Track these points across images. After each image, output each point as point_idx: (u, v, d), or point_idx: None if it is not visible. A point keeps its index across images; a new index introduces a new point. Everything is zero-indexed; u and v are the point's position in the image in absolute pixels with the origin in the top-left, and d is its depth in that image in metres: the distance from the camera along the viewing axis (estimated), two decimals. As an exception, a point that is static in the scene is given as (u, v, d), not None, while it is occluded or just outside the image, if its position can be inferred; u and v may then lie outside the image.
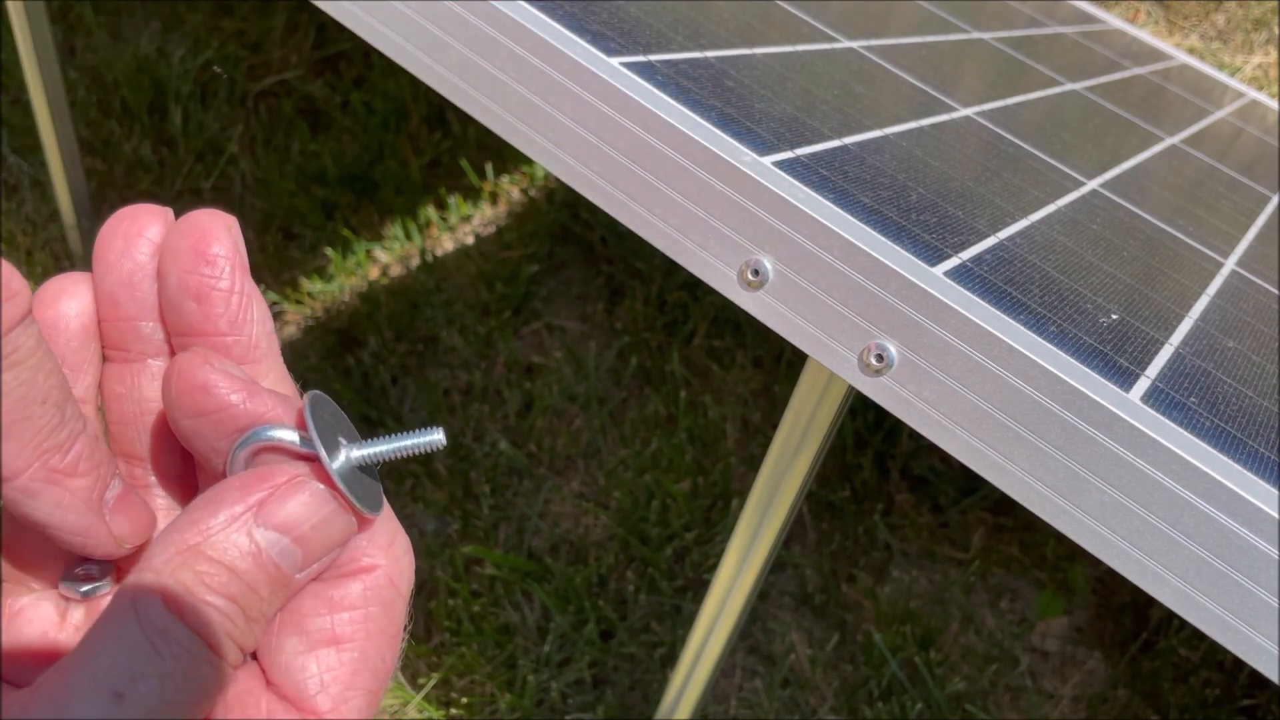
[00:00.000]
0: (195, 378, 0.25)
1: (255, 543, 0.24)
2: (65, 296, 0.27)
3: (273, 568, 0.24)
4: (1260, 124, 1.40)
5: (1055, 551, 1.29)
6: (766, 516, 0.62)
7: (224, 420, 0.25)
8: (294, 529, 0.24)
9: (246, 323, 0.26)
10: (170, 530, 0.23)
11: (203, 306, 0.26)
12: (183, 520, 0.24)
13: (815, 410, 0.56)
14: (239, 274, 0.26)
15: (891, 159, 0.56)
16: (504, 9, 0.47)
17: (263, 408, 0.25)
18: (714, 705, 1.12)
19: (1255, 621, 0.39)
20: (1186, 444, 0.39)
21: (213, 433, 0.25)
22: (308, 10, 1.72)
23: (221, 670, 0.23)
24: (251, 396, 0.25)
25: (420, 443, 0.27)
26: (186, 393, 0.25)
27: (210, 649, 0.23)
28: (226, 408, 0.25)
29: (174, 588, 0.22)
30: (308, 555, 0.25)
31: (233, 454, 0.25)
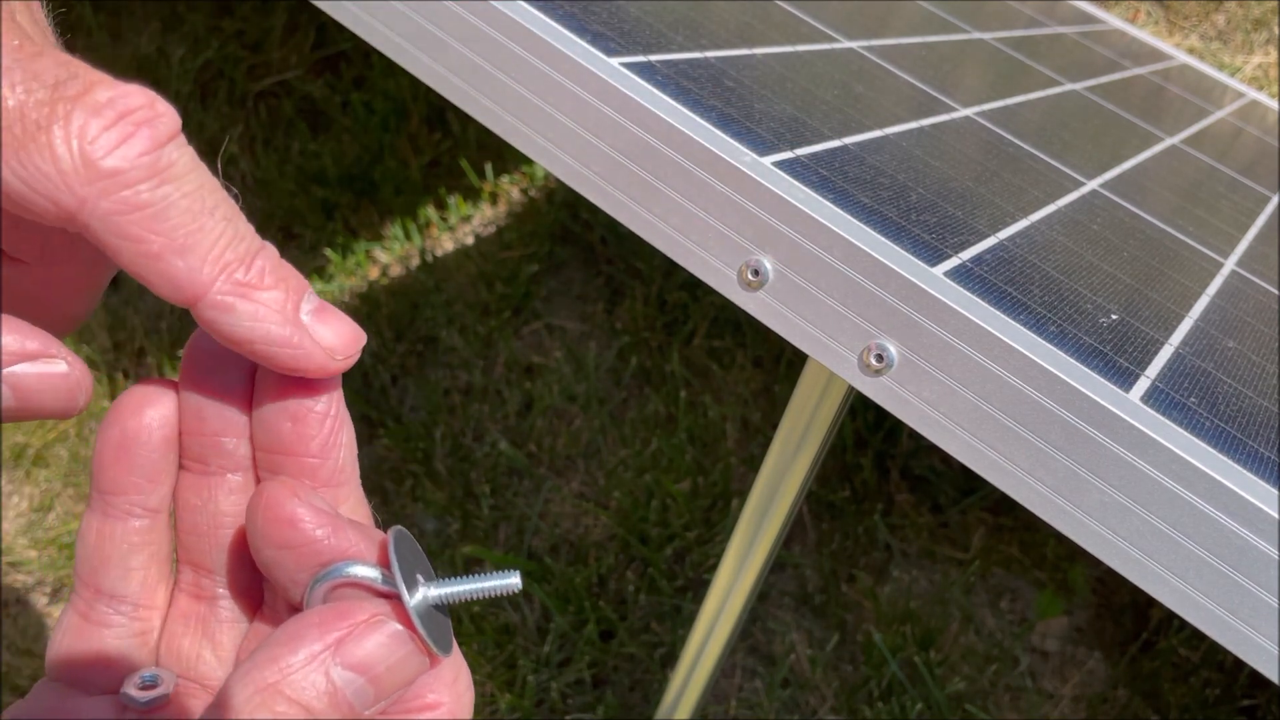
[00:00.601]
0: (283, 510, 0.25)
1: (333, 683, 0.24)
2: (149, 406, 0.27)
3: (347, 708, 0.24)
4: (1260, 124, 1.40)
5: (1055, 551, 1.29)
6: (766, 516, 0.62)
7: (307, 555, 0.25)
8: (370, 669, 0.24)
9: (337, 447, 0.27)
10: (250, 666, 0.24)
11: (297, 427, 0.26)
12: (262, 655, 0.24)
13: (815, 410, 0.56)
14: (336, 400, 0.26)
15: (891, 159, 0.56)
16: (504, 9, 0.47)
17: (347, 544, 0.25)
18: (714, 705, 1.12)
19: (1255, 621, 0.39)
20: (1186, 444, 0.39)
21: (294, 565, 0.25)
22: (308, 10, 1.72)
23: None
24: (336, 532, 0.25)
25: (496, 586, 0.27)
26: (273, 524, 0.25)
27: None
28: (311, 543, 0.25)
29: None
30: (380, 692, 0.25)
31: (311, 587, 0.25)
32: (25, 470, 1.28)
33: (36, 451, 1.29)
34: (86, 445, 1.31)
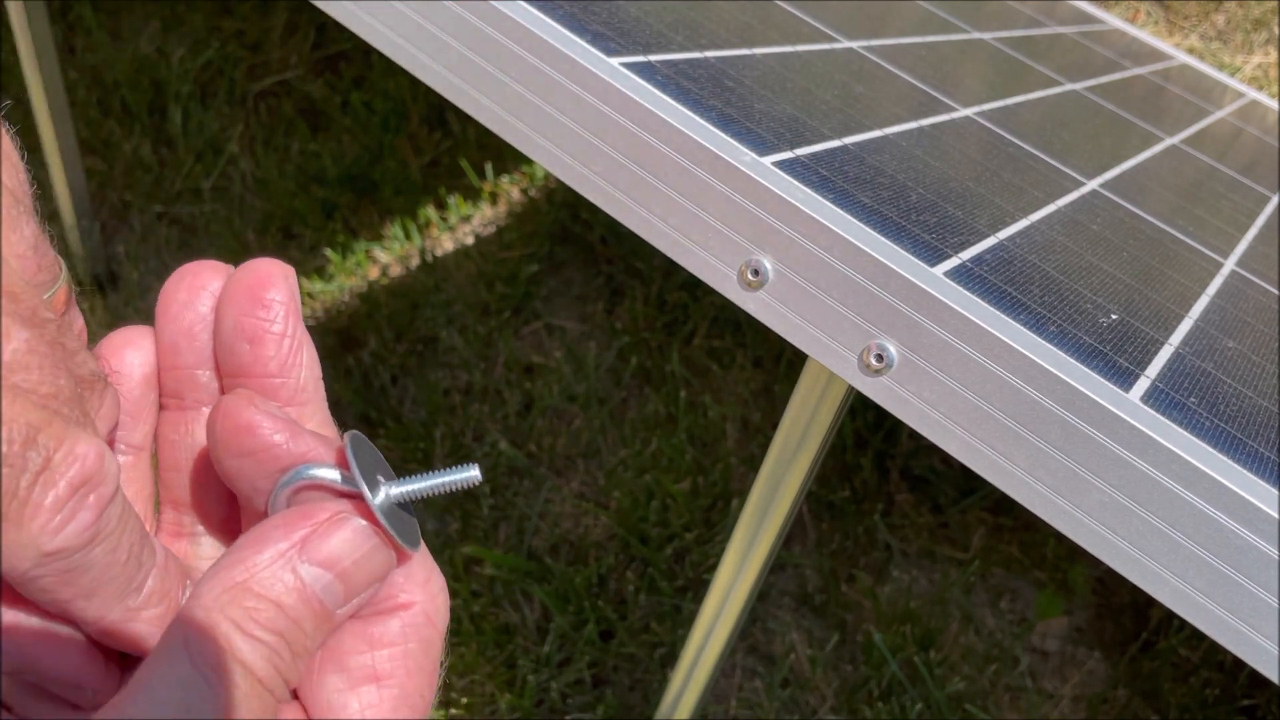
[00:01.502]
0: (240, 418, 0.25)
1: (300, 579, 0.24)
2: (130, 348, 0.28)
3: (317, 603, 0.24)
4: (1260, 124, 1.40)
5: (1055, 551, 1.29)
6: (766, 516, 0.62)
7: (267, 460, 0.25)
8: (337, 564, 0.25)
9: (296, 366, 0.27)
10: (217, 568, 0.24)
11: (255, 348, 0.27)
12: (229, 558, 0.24)
13: (815, 410, 0.56)
14: (292, 319, 0.27)
15: (891, 159, 0.56)
16: (504, 9, 0.47)
17: (305, 447, 0.26)
18: (714, 705, 1.12)
19: (1255, 621, 0.39)
20: (1186, 444, 0.39)
21: (255, 472, 0.26)
22: (308, 10, 1.72)
23: (269, 704, 0.24)
24: (294, 437, 0.26)
25: (456, 479, 0.27)
26: (231, 433, 0.25)
27: (259, 682, 0.23)
28: (270, 447, 0.25)
29: (223, 625, 0.23)
30: (349, 590, 0.25)
31: (275, 493, 0.26)
32: (25, 470, 1.28)
33: (36, 451, 1.29)
34: (86, 445, 1.31)
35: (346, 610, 0.25)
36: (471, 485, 0.27)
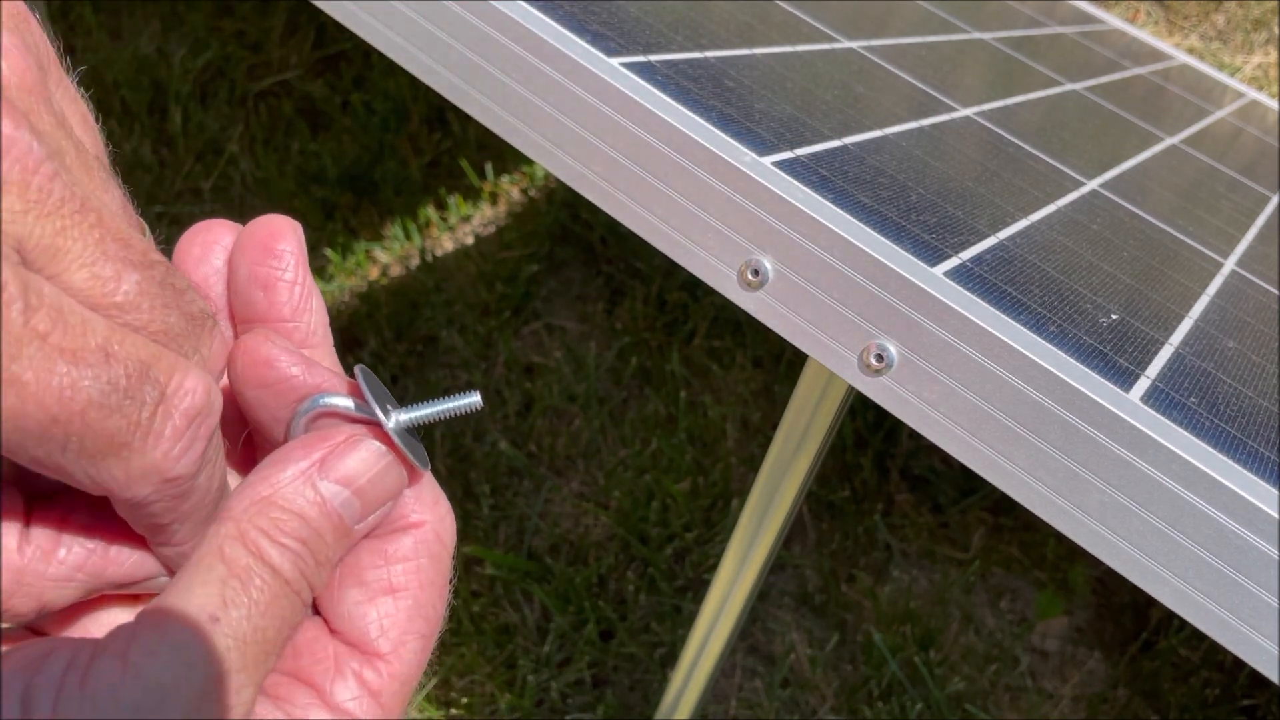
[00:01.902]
0: (259, 353, 0.28)
1: (319, 494, 0.27)
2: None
3: (335, 517, 0.27)
4: (1260, 124, 1.40)
5: (1055, 551, 1.29)
6: (766, 516, 0.62)
7: (285, 390, 0.28)
8: (353, 481, 0.27)
9: (306, 311, 0.30)
10: (244, 485, 0.26)
11: (268, 295, 0.29)
12: (255, 476, 0.27)
13: (815, 410, 0.56)
14: (302, 268, 0.29)
15: (891, 159, 0.56)
16: (504, 9, 0.47)
17: (320, 379, 0.28)
18: (714, 705, 1.12)
19: (1255, 621, 0.39)
20: (1186, 444, 0.39)
21: (274, 402, 0.28)
22: (308, 10, 1.72)
23: (296, 605, 0.26)
24: (310, 369, 0.28)
25: (459, 405, 0.30)
26: (251, 366, 0.28)
27: (287, 584, 0.26)
28: (288, 379, 0.28)
29: (252, 533, 0.26)
30: (365, 506, 0.28)
31: (294, 421, 0.28)
32: (25, 470, 1.28)
33: (36, 451, 1.29)
34: (86, 445, 1.31)
35: (364, 526, 0.28)
36: (473, 410, 0.30)
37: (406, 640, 0.29)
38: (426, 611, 0.29)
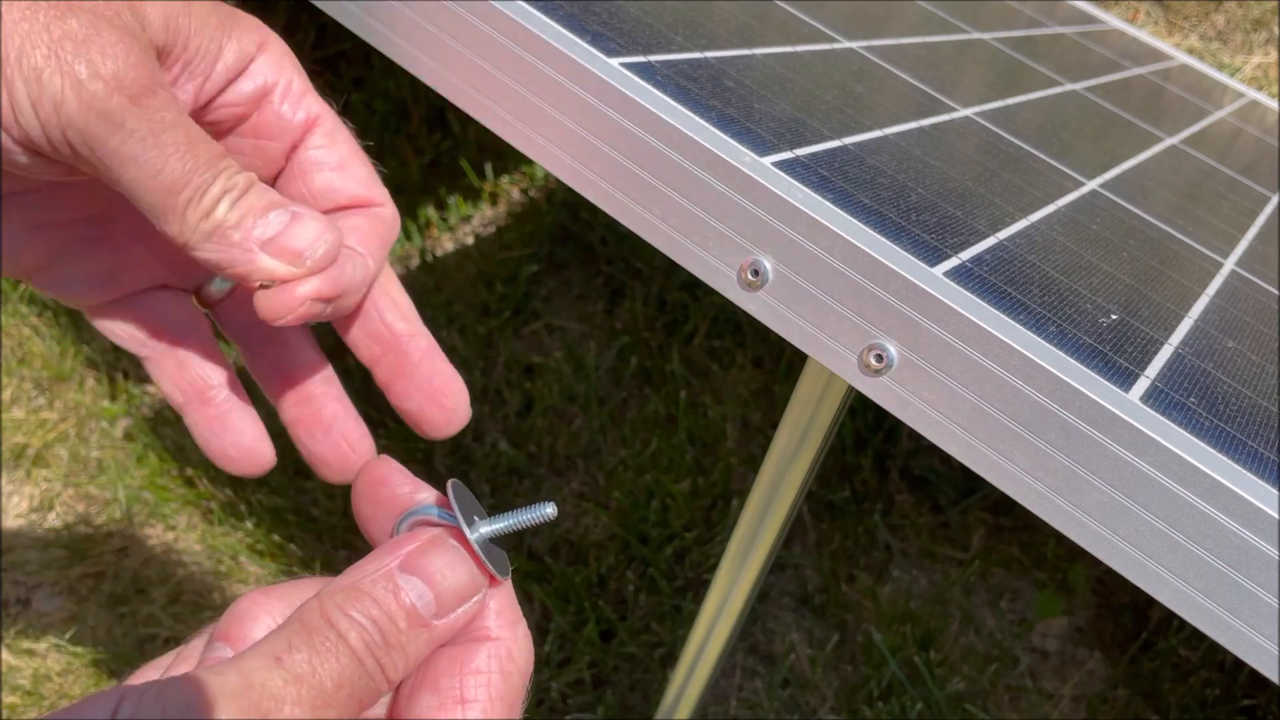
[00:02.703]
0: (376, 472, 0.34)
1: (396, 584, 0.30)
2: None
3: (409, 605, 0.30)
4: (1260, 124, 1.40)
5: (1055, 551, 1.29)
6: (766, 516, 0.62)
7: (393, 506, 0.33)
8: (430, 577, 0.31)
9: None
10: (338, 578, 0.30)
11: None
12: (348, 570, 0.31)
13: (815, 410, 0.56)
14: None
15: (891, 159, 0.56)
16: (504, 9, 0.47)
17: (424, 496, 0.33)
18: (714, 705, 1.12)
19: (1255, 621, 0.39)
20: (1186, 444, 0.39)
21: (384, 516, 0.33)
22: (308, 10, 1.72)
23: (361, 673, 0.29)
24: (416, 490, 0.33)
25: (536, 515, 0.33)
26: (369, 484, 0.34)
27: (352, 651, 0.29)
28: (395, 497, 0.33)
29: (329, 606, 0.29)
30: (441, 602, 0.31)
31: (396, 528, 0.33)
32: (25, 470, 1.28)
33: (36, 451, 1.29)
34: (86, 445, 1.31)
35: (443, 624, 0.31)
36: (548, 519, 0.33)
37: None
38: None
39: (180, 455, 1.29)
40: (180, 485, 1.27)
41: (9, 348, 1.38)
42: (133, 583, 1.19)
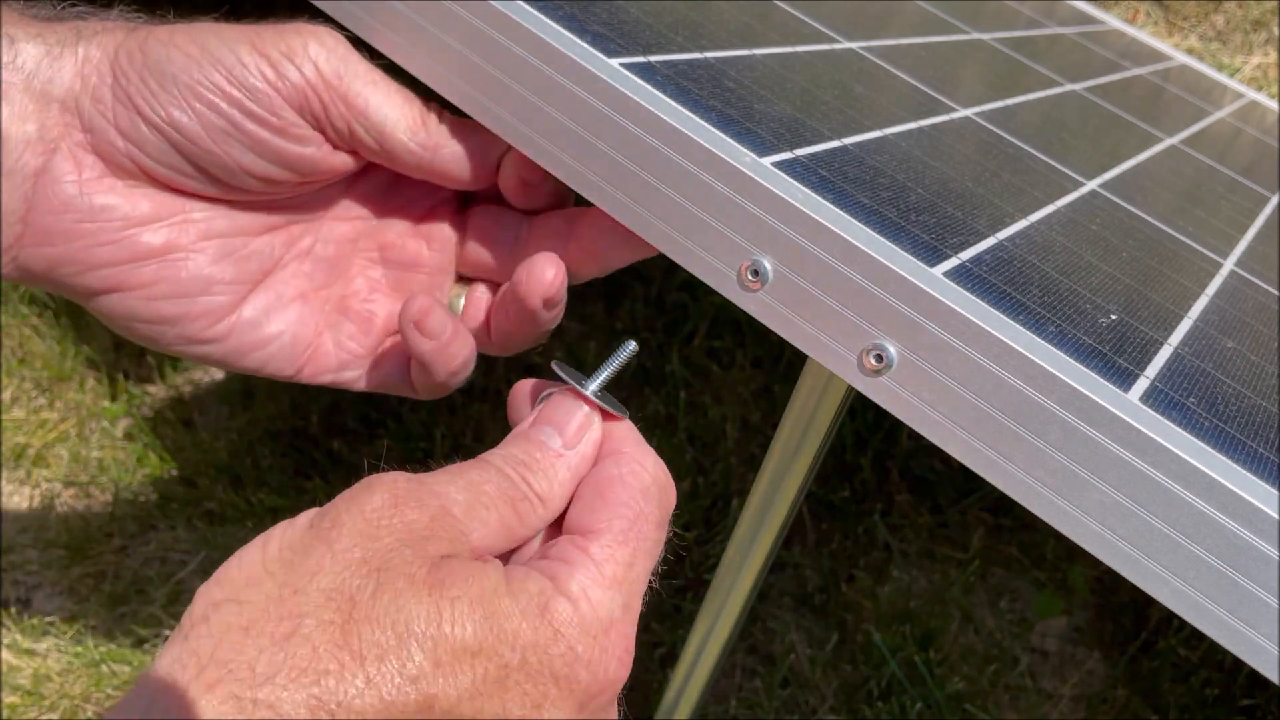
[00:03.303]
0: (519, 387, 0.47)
1: (529, 432, 0.43)
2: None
3: (540, 442, 0.43)
4: (1260, 124, 1.40)
5: (1055, 551, 1.29)
6: (766, 516, 0.62)
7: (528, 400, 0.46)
8: (552, 420, 0.43)
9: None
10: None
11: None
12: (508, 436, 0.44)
13: (815, 410, 0.56)
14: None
15: (891, 159, 0.56)
16: (504, 9, 0.47)
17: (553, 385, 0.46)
18: (714, 705, 1.12)
19: (1255, 621, 0.39)
20: (1186, 444, 0.39)
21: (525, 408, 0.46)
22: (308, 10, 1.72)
23: (507, 483, 0.41)
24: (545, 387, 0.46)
25: (623, 356, 0.46)
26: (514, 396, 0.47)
27: (499, 470, 0.42)
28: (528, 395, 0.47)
29: (486, 456, 0.42)
30: (565, 436, 0.43)
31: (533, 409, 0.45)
32: (25, 470, 1.28)
33: (36, 451, 1.29)
34: (87, 445, 1.31)
35: (573, 455, 0.43)
36: (634, 354, 0.46)
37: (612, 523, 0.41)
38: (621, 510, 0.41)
39: (180, 455, 1.29)
40: (180, 485, 1.27)
41: (9, 348, 1.38)
42: (133, 583, 1.19)
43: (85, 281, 0.48)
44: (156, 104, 0.46)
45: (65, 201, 0.46)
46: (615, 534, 0.41)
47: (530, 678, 0.37)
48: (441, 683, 0.35)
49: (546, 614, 0.37)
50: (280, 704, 0.33)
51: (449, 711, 0.35)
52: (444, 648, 0.35)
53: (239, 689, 0.33)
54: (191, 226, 0.49)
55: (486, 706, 0.36)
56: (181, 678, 0.33)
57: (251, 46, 0.46)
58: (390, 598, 0.35)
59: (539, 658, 0.37)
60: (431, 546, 0.37)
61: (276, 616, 0.34)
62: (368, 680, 0.33)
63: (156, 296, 0.49)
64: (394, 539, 0.37)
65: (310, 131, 0.48)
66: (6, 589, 1.17)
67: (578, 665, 0.38)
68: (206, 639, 0.34)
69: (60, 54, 0.46)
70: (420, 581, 0.36)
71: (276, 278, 0.53)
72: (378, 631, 0.34)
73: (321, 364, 0.54)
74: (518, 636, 0.36)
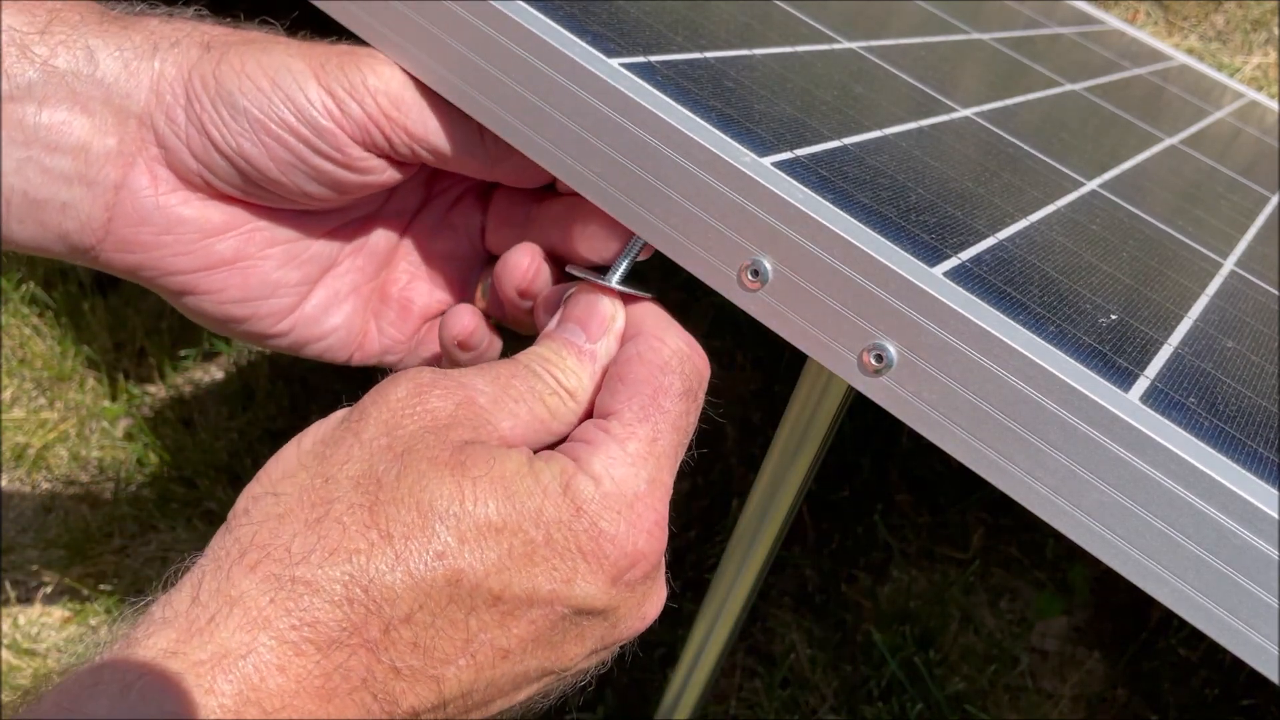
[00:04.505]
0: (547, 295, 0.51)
1: (553, 330, 0.46)
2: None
3: (565, 338, 0.45)
4: (1259, 124, 1.40)
5: (1055, 551, 1.29)
6: (766, 516, 0.62)
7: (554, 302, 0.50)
8: (574, 316, 0.46)
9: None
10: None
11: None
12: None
13: (815, 410, 0.56)
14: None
15: (891, 159, 0.56)
16: (504, 9, 0.47)
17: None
18: (714, 705, 1.12)
19: (1255, 621, 0.39)
20: (1186, 444, 0.39)
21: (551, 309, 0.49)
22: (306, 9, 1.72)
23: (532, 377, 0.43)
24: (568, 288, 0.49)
25: (634, 248, 0.48)
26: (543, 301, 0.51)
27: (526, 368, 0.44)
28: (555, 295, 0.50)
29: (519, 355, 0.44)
30: (587, 329, 0.45)
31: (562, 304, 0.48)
32: (25, 470, 1.28)
33: (36, 451, 1.29)
34: (87, 445, 1.31)
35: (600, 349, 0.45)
36: (644, 244, 0.48)
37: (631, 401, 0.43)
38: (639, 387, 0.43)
39: (180, 455, 1.29)
40: (180, 485, 1.27)
41: (9, 348, 1.38)
42: (133, 583, 1.19)
43: (163, 284, 0.51)
44: (228, 134, 0.48)
45: (144, 215, 0.48)
46: (635, 411, 0.42)
47: (557, 553, 0.39)
48: (468, 557, 0.37)
49: (569, 492, 0.39)
50: (316, 581, 0.35)
51: (476, 585, 0.37)
52: (467, 524, 0.37)
53: (278, 568, 0.35)
54: (258, 235, 0.52)
55: (514, 581, 0.37)
56: (225, 563, 0.36)
57: (317, 81, 0.49)
58: (414, 479, 0.37)
59: (563, 534, 0.38)
60: (454, 433, 0.39)
61: (309, 503, 0.37)
62: (396, 557, 0.36)
63: (226, 300, 0.52)
64: (417, 425, 0.39)
65: (374, 162, 0.50)
66: (6, 589, 1.17)
67: (603, 540, 0.40)
68: (247, 527, 0.37)
69: (137, 68, 0.48)
70: (443, 463, 0.37)
71: (333, 274, 0.56)
72: (403, 511, 0.36)
73: (368, 350, 0.57)
74: (541, 514, 0.38)
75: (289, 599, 0.35)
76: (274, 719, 0.33)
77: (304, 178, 0.50)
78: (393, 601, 0.35)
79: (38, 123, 0.45)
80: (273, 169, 0.49)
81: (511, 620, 0.38)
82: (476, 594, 0.37)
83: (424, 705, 0.37)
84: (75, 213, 0.47)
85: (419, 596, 0.36)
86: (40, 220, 0.47)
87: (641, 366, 0.43)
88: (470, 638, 0.37)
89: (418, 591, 0.36)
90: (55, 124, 0.46)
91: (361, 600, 0.35)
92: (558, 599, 0.39)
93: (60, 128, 0.46)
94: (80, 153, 0.46)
